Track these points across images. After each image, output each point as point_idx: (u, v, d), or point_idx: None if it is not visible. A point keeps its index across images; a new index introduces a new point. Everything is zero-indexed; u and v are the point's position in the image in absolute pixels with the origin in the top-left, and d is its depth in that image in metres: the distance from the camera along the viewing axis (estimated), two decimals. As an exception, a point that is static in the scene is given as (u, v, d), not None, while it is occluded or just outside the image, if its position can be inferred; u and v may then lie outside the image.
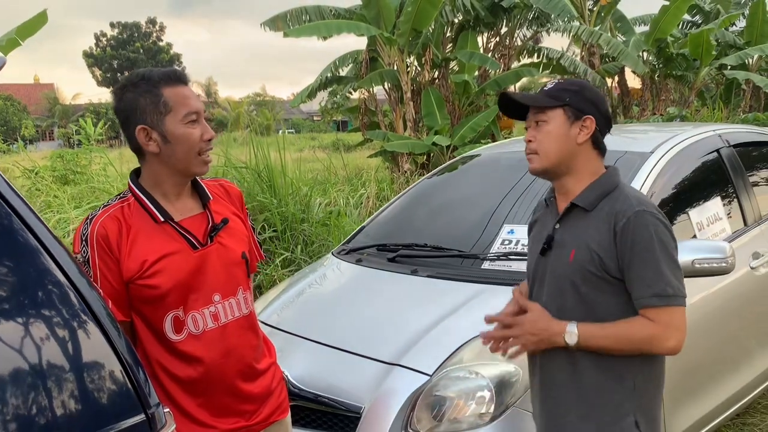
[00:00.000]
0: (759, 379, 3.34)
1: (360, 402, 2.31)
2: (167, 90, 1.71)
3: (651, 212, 1.75)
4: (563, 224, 1.84)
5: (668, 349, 1.73)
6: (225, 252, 1.83)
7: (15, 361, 1.21)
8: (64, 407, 1.24)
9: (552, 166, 1.82)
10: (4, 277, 1.27)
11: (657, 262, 1.70)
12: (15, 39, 8.70)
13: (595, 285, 1.75)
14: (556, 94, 1.82)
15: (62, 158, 8.74)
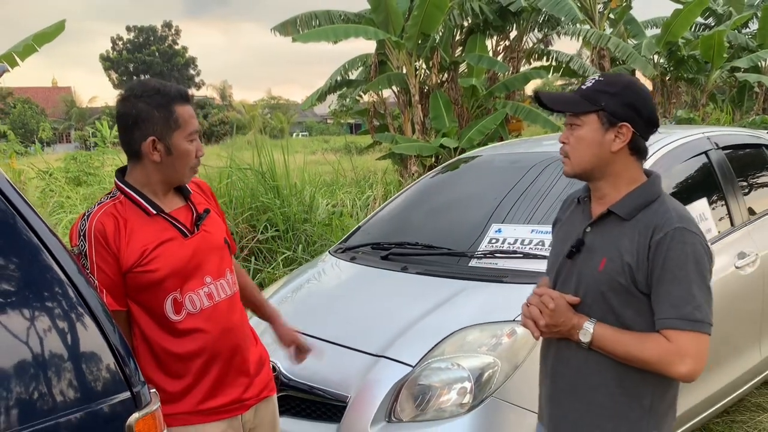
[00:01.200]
0: (746, 377, 3.41)
1: (346, 391, 2.43)
2: (179, 108, 1.87)
3: (692, 231, 1.64)
4: (595, 229, 1.75)
5: (680, 375, 1.61)
6: (210, 238, 2.00)
7: (19, 346, 1.34)
8: (62, 385, 1.37)
9: (584, 172, 1.74)
10: (9, 273, 1.40)
11: (689, 282, 1.59)
12: (32, 45, 8.91)
13: (623, 298, 1.67)
14: (592, 96, 1.70)
15: (75, 160, 8.94)
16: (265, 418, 2.11)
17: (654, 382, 1.68)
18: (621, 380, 1.69)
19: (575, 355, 1.73)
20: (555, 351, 1.79)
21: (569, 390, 1.76)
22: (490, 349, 2.40)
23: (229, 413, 1.99)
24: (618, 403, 1.70)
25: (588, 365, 1.71)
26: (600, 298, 1.68)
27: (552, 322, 1.69)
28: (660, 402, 1.70)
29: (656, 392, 1.69)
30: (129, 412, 1.43)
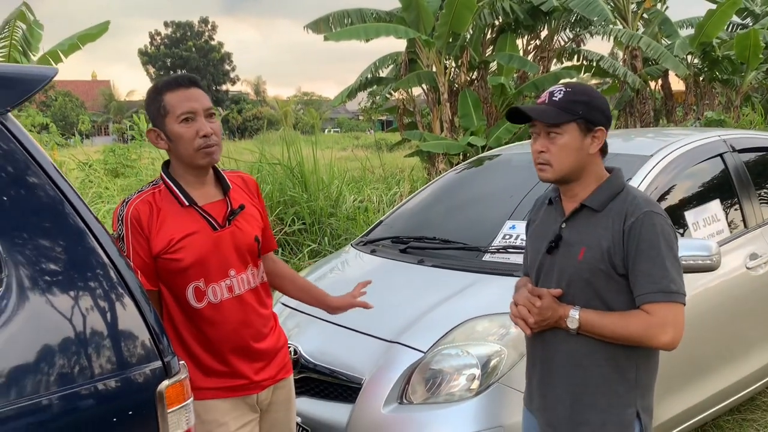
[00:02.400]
0: (755, 376, 3.47)
1: (361, 374, 2.58)
2: (168, 95, 2.00)
3: (658, 213, 1.82)
4: (570, 224, 1.91)
5: (663, 344, 1.78)
6: (240, 234, 2.11)
7: (66, 320, 1.51)
8: (103, 355, 1.54)
9: (563, 176, 1.88)
10: (57, 255, 1.56)
11: (662, 260, 1.76)
12: (76, 44, 9.30)
13: (605, 281, 1.82)
14: (569, 107, 1.83)
15: (114, 152, 9.26)
16: (280, 398, 2.24)
17: (638, 357, 1.84)
18: (609, 358, 1.84)
19: (564, 341, 1.87)
20: (543, 340, 1.93)
21: (562, 374, 1.89)
22: (498, 338, 2.54)
23: (244, 392, 2.12)
24: (608, 379, 1.84)
25: (578, 349, 1.86)
26: (583, 285, 1.84)
27: (540, 318, 1.85)
28: (644, 374, 1.88)
29: (640, 366, 1.86)
30: (160, 379, 1.60)
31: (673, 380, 2.99)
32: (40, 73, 1.64)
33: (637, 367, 1.86)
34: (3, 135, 1.52)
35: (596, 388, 1.85)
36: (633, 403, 1.86)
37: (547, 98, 1.89)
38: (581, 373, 1.87)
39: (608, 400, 1.85)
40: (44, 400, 1.41)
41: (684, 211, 3.28)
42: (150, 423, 1.56)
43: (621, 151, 3.49)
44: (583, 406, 1.87)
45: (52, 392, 1.43)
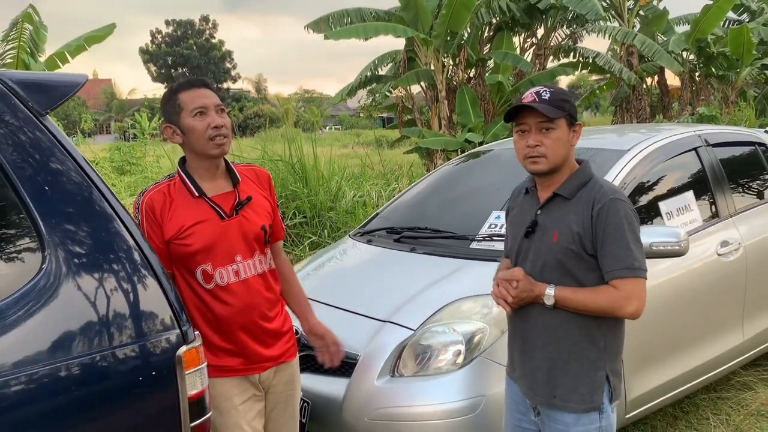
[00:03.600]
0: (727, 356, 3.71)
1: (357, 351, 2.83)
2: (182, 94, 2.24)
3: (622, 200, 2.06)
4: (545, 211, 2.13)
5: (629, 314, 2.03)
6: (247, 223, 2.32)
7: (100, 295, 1.74)
8: (132, 324, 1.77)
9: (557, 166, 2.10)
10: (86, 238, 1.79)
11: (626, 241, 2.00)
12: (83, 45, 9.58)
13: (576, 261, 2.05)
14: (559, 105, 2.06)
15: (119, 150, 9.51)
16: (282, 379, 2.42)
17: (606, 327, 2.09)
18: (581, 328, 2.08)
19: (541, 315, 2.12)
20: (521, 315, 2.18)
21: (540, 344, 2.14)
22: (481, 317, 2.78)
23: (246, 371, 2.32)
24: (580, 347, 2.09)
25: (553, 321, 2.10)
26: (557, 264, 2.08)
27: (518, 297, 2.09)
28: (612, 341, 2.12)
29: (609, 334, 2.10)
30: (179, 345, 1.83)
31: (648, 356, 3.24)
32: (72, 80, 1.88)
33: (605, 335, 2.10)
34: (43, 132, 1.76)
35: (570, 355, 2.09)
36: (603, 367, 2.10)
37: (536, 98, 2.08)
38: (556, 342, 2.11)
39: (580, 364, 2.09)
40: (84, 359, 1.66)
41: (658, 202, 3.51)
42: (171, 382, 1.80)
43: (600, 146, 3.75)
44: (558, 371, 2.11)
45: (85, 354, 1.67)
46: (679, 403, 3.88)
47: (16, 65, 9.88)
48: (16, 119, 1.75)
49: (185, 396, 1.83)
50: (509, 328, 2.27)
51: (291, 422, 2.50)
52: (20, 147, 1.73)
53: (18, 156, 1.72)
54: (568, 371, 2.10)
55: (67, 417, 1.64)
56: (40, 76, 1.90)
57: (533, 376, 2.17)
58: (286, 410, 2.48)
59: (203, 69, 60.45)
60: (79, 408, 1.66)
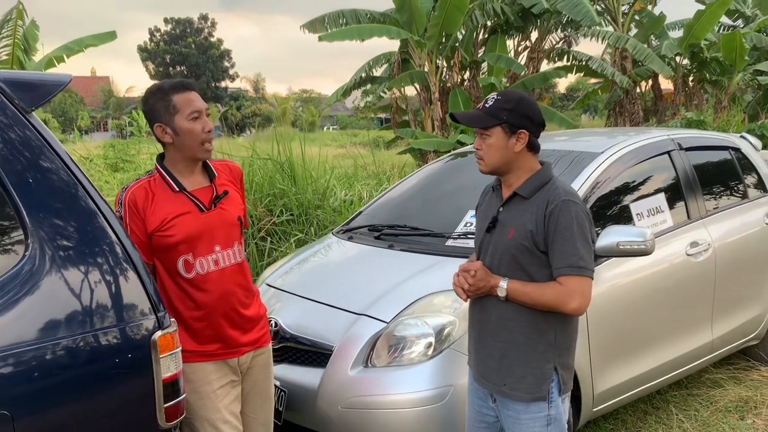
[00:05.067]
0: (696, 353, 3.83)
1: (332, 342, 2.95)
2: (176, 96, 2.35)
3: (574, 202, 2.17)
4: (506, 208, 2.27)
5: (572, 310, 2.14)
6: (225, 215, 2.45)
7: (82, 284, 1.85)
8: (111, 310, 1.89)
9: (495, 169, 2.25)
10: (72, 233, 1.90)
11: (574, 240, 2.12)
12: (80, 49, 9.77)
13: (528, 257, 2.18)
14: (494, 113, 2.19)
15: (114, 148, 9.61)
16: (259, 363, 2.56)
17: (556, 322, 2.21)
18: (531, 321, 2.20)
19: (495, 306, 2.24)
20: (479, 306, 2.31)
21: (492, 333, 2.26)
22: (452, 311, 2.90)
23: (225, 356, 2.45)
24: (530, 339, 2.21)
25: (506, 312, 2.22)
26: (511, 259, 2.21)
27: (474, 287, 2.22)
28: (562, 337, 2.23)
29: (558, 329, 2.22)
30: (154, 330, 1.95)
31: (617, 352, 3.36)
32: (57, 79, 2.00)
33: (555, 330, 2.22)
34: (29, 129, 1.87)
35: (520, 346, 2.21)
36: (551, 359, 2.21)
37: (482, 105, 2.28)
38: (508, 333, 2.23)
39: (529, 355, 2.21)
40: (65, 341, 1.77)
41: (630, 203, 3.63)
42: (146, 364, 1.92)
43: (573, 148, 3.87)
44: (509, 360, 2.23)
45: (67, 336, 1.79)
46: (650, 398, 4.00)
47: (11, 63, 10.01)
48: (3, 116, 1.87)
49: (159, 378, 1.94)
50: (469, 317, 2.40)
51: (266, 405, 2.62)
52: (6, 142, 1.84)
53: (4, 151, 1.83)
54: (518, 361, 2.21)
55: (49, 395, 1.76)
56: (26, 75, 2.01)
57: (485, 363, 2.30)
58: (262, 393, 2.60)
59: (201, 67, 60.49)
60: (61, 386, 1.78)
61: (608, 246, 3.06)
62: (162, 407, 1.95)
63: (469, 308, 2.39)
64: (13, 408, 1.68)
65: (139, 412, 1.93)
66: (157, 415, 1.95)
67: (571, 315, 2.21)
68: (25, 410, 1.71)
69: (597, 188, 3.48)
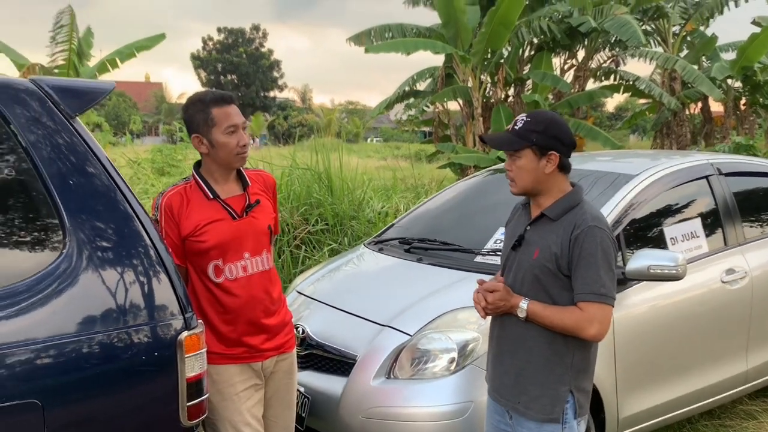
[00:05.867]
0: (730, 383, 3.74)
1: (356, 352, 2.99)
2: (215, 110, 2.43)
3: (601, 228, 2.16)
4: (533, 227, 2.28)
5: (590, 336, 2.14)
6: (256, 223, 2.53)
7: (115, 283, 1.94)
8: (141, 310, 1.96)
9: (526, 190, 2.26)
10: (109, 235, 1.99)
11: (597, 267, 2.12)
12: (132, 52, 10.12)
13: (551, 279, 2.18)
14: (524, 135, 2.19)
15: (161, 152, 9.89)
16: (282, 368, 2.62)
17: (574, 345, 2.20)
18: (550, 343, 2.20)
19: (515, 326, 2.25)
20: (500, 323, 2.32)
21: (510, 351, 2.27)
22: (476, 327, 2.91)
23: (249, 359, 2.52)
24: (548, 360, 2.21)
25: (525, 332, 2.23)
26: (534, 279, 2.22)
27: (493, 305, 2.23)
28: (580, 360, 2.22)
29: (576, 353, 2.21)
30: (181, 330, 2.02)
31: (645, 377, 3.31)
32: (100, 87, 2.10)
33: (573, 353, 2.21)
34: (72, 134, 1.98)
35: (537, 366, 2.22)
36: (567, 382, 2.21)
37: (511, 126, 2.28)
38: (526, 352, 2.24)
39: (546, 376, 2.21)
40: (98, 336, 1.86)
41: (664, 227, 3.59)
42: (172, 363, 1.99)
43: (611, 169, 3.84)
44: (525, 379, 2.24)
45: (99, 332, 1.87)
46: (680, 426, 3.91)
47: (68, 68, 10.44)
48: (50, 120, 1.97)
49: (184, 377, 2.01)
50: (489, 333, 2.41)
51: (288, 411, 2.68)
52: (51, 146, 1.95)
53: (48, 152, 1.94)
54: (534, 381, 2.22)
55: (78, 387, 1.84)
56: (72, 82, 2.12)
57: (501, 379, 2.31)
58: (284, 398, 2.66)
59: (251, 77, 61.65)
60: (89, 380, 1.86)
61: (639, 269, 3.04)
62: (185, 406, 2.02)
63: (490, 325, 2.41)
64: (44, 397, 1.76)
65: (163, 409, 2.00)
66: (180, 413, 2.01)
67: (589, 341, 2.21)
68: (55, 400, 1.79)
69: (631, 210, 3.45)
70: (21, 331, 1.77)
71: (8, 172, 1.92)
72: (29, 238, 1.92)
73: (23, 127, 1.92)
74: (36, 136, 1.93)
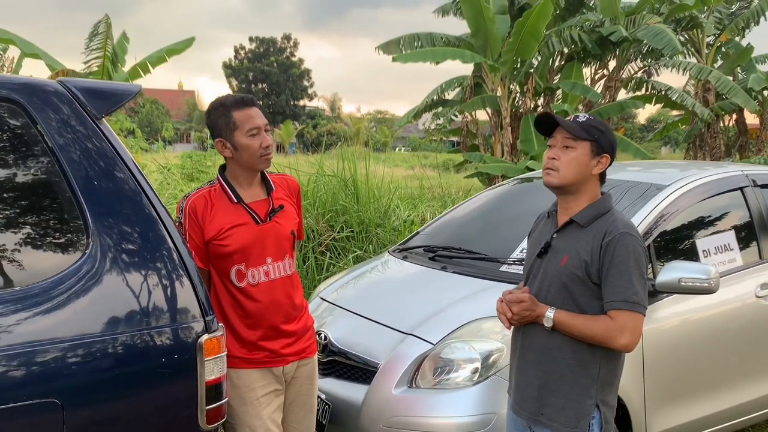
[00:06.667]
0: (762, 402, 3.62)
1: (378, 359, 2.95)
2: (236, 113, 2.42)
3: (633, 235, 2.11)
4: (560, 234, 2.22)
5: (621, 346, 2.08)
6: (279, 228, 2.52)
7: (138, 285, 1.94)
8: (163, 312, 1.96)
9: (566, 184, 2.17)
10: (134, 239, 1.99)
11: (630, 275, 2.06)
12: (163, 57, 10.21)
13: (580, 287, 2.12)
14: (588, 129, 2.15)
15: (191, 159, 10.00)
16: (303, 373, 2.60)
17: (601, 356, 2.14)
18: (575, 354, 2.14)
19: (540, 335, 2.19)
20: (523, 332, 2.26)
21: (535, 362, 2.21)
22: (500, 337, 2.86)
23: (271, 364, 2.50)
24: (573, 372, 2.15)
25: (550, 342, 2.17)
26: (561, 287, 2.16)
27: (518, 316, 2.17)
28: (606, 372, 2.16)
29: (603, 364, 2.15)
30: (202, 333, 2.02)
31: (675, 393, 3.22)
32: (127, 89, 2.12)
33: (600, 365, 2.15)
34: (98, 136, 1.99)
35: (562, 377, 2.16)
36: (593, 396, 2.14)
37: (572, 117, 2.23)
38: (551, 363, 2.18)
39: (571, 388, 2.15)
40: (120, 337, 1.86)
41: (696, 239, 3.50)
42: (192, 366, 1.98)
43: (642, 179, 3.76)
44: (548, 391, 2.18)
45: (119, 333, 1.87)
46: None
47: (101, 74, 10.64)
48: (76, 121, 1.99)
49: (203, 380, 2.00)
50: (512, 343, 2.36)
51: (309, 416, 2.65)
52: (77, 146, 1.96)
53: (74, 154, 1.95)
54: (558, 392, 2.16)
55: (97, 388, 1.84)
56: (98, 84, 2.14)
57: (524, 391, 2.25)
58: (305, 404, 2.64)
59: (282, 86, 62.19)
60: (109, 381, 1.86)
61: (669, 282, 2.97)
62: (204, 409, 2.01)
63: (512, 334, 2.35)
64: (64, 397, 1.77)
65: (182, 412, 1.99)
66: (199, 417, 2.00)
67: (619, 351, 2.15)
68: (75, 400, 1.79)
69: (662, 221, 3.37)
70: (40, 330, 1.78)
71: (34, 172, 1.94)
72: (52, 239, 1.93)
73: (50, 128, 1.94)
74: (62, 137, 1.95)
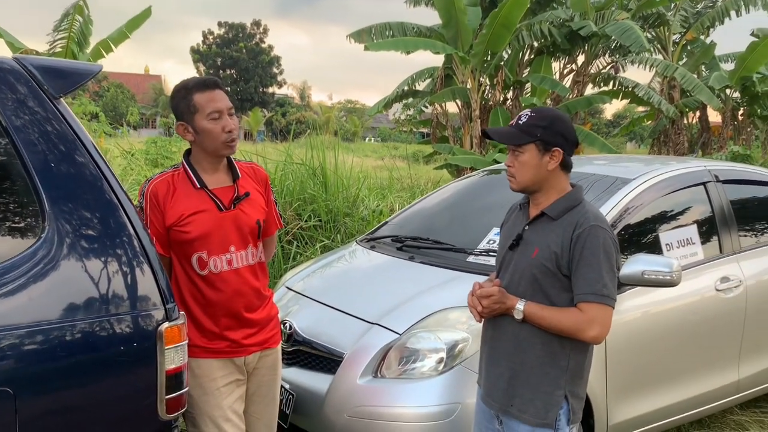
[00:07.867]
0: (719, 392, 3.70)
1: (343, 349, 2.93)
2: (197, 95, 2.35)
3: (603, 228, 2.12)
4: (532, 227, 2.22)
5: (590, 338, 2.09)
6: (243, 216, 2.45)
7: (97, 274, 1.89)
8: (122, 300, 1.91)
9: (526, 187, 2.20)
10: (94, 225, 1.93)
11: (599, 267, 2.07)
12: (124, 32, 9.94)
13: (550, 279, 2.13)
14: (528, 130, 2.15)
15: (155, 144, 9.80)
16: (266, 364, 2.55)
17: (570, 348, 2.15)
18: (545, 345, 2.15)
19: (510, 326, 2.19)
20: (494, 324, 2.27)
21: (505, 353, 2.22)
22: (466, 328, 2.86)
23: (232, 354, 2.45)
24: (542, 363, 2.15)
25: (520, 333, 2.18)
26: (531, 279, 2.16)
27: (488, 309, 2.17)
28: (575, 364, 2.17)
29: (572, 356, 2.16)
30: (162, 321, 1.97)
31: (636, 384, 3.27)
32: (87, 68, 2.04)
33: (569, 356, 2.16)
34: (56, 117, 1.92)
35: (531, 369, 2.16)
36: (562, 387, 2.15)
37: (515, 121, 2.23)
38: (521, 354, 2.18)
39: (540, 379, 2.16)
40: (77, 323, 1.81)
41: (659, 232, 3.54)
42: (151, 354, 1.93)
43: (607, 173, 3.80)
44: (518, 382, 2.18)
45: (77, 320, 1.81)
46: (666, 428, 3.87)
47: (65, 54, 10.35)
48: (33, 101, 1.91)
49: (163, 369, 1.96)
50: (482, 334, 2.35)
51: (271, 406, 2.61)
52: (33, 127, 1.89)
53: (31, 135, 1.88)
54: (527, 384, 2.17)
55: (51, 376, 1.78)
56: (57, 62, 2.06)
57: (494, 382, 2.25)
58: (267, 395, 2.59)
59: (251, 72, 61.45)
60: (64, 369, 1.80)
61: (633, 274, 3.00)
62: (163, 398, 1.96)
63: (483, 326, 2.35)
64: (16, 386, 1.71)
65: (141, 402, 1.94)
66: (158, 406, 1.96)
67: (588, 343, 2.16)
68: (28, 389, 1.73)
69: (626, 215, 3.41)
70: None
71: (-13, 153, 1.86)
72: (6, 222, 1.87)
73: (5, 107, 1.86)
74: (18, 118, 1.87)
